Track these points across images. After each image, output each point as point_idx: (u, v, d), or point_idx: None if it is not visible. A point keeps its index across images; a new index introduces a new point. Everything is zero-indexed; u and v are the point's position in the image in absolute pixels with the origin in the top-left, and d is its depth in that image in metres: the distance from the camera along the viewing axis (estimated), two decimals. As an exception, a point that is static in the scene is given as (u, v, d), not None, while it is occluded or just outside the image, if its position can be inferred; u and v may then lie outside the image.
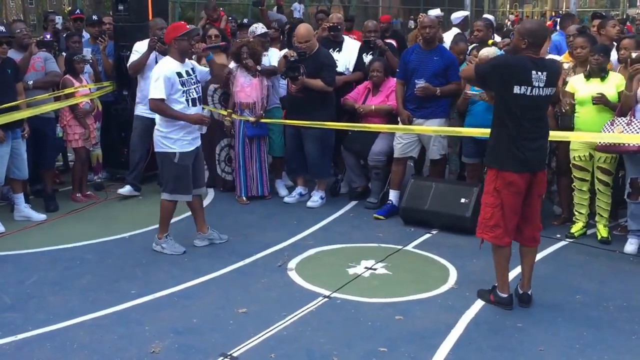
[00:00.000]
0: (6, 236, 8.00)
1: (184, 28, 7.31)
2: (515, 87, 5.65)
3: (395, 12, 41.02)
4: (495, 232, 5.93)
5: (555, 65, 6.10)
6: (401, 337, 5.59)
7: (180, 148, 7.27)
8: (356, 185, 9.53)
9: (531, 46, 5.75)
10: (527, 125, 5.75)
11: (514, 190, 5.81)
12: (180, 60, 7.27)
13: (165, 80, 7.08)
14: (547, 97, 5.83)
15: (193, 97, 7.31)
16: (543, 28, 6.02)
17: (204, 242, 7.74)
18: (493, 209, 5.90)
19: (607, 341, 5.56)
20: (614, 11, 53.40)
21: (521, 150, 5.75)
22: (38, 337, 5.58)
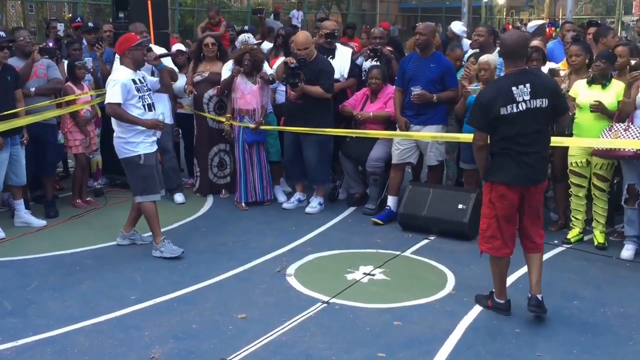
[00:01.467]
0: (6, 242, 8.02)
1: (135, 39, 7.61)
2: (502, 109, 5.64)
3: (393, 19, 41.11)
4: (492, 243, 5.94)
5: (541, 77, 6.07)
6: (399, 342, 5.61)
7: (143, 150, 7.52)
8: (354, 191, 9.57)
9: (509, 59, 5.78)
10: (522, 141, 5.70)
11: (506, 203, 5.82)
12: (134, 69, 7.54)
13: (122, 87, 7.31)
14: (539, 110, 5.69)
15: (149, 102, 7.57)
16: (519, 39, 5.85)
17: (125, 242, 7.96)
18: (489, 220, 5.94)
19: (604, 347, 5.58)
20: (610, 18, 53.42)
21: (516, 164, 5.72)
22: (38, 342, 5.59)
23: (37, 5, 39.21)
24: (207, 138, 9.80)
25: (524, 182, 5.77)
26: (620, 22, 47.67)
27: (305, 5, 32.51)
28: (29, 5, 43.04)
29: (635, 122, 7.30)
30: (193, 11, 31.41)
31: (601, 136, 7.39)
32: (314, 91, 8.88)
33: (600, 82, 7.64)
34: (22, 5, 43.81)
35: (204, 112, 9.69)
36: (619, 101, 7.53)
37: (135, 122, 7.39)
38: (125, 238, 7.92)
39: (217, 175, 9.93)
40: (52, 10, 42.83)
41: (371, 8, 46.37)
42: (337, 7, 44.95)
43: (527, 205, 5.90)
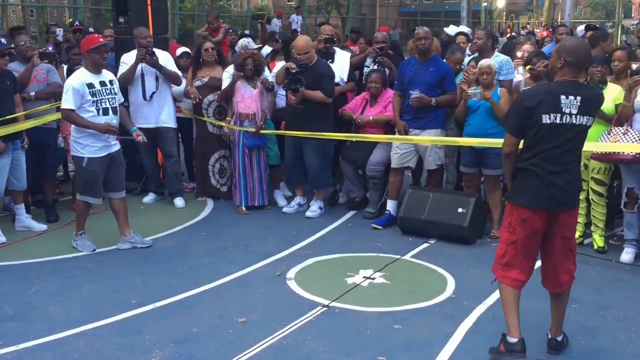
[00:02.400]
0: (7, 246, 8.03)
1: (96, 41, 7.56)
2: (544, 116, 4.99)
3: (392, 24, 41.12)
4: (507, 272, 5.30)
5: (594, 91, 5.37)
6: (399, 346, 5.62)
7: (88, 153, 7.57)
8: (354, 195, 9.58)
9: (568, 66, 5.06)
10: (554, 158, 5.05)
11: (529, 229, 5.17)
12: (93, 72, 7.57)
13: (74, 92, 7.38)
14: (581, 127, 5.09)
15: (105, 106, 7.55)
16: (585, 47, 5.28)
17: (125, 245, 7.97)
18: (507, 246, 5.29)
19: (603, 350, 5.60)
20: (609, 22, 53.48)
21: (544, 185, 5.06)
22: (39, 346, 5.60)
23: (38, 10, 39.25)
24: (207, 144, 9.82)
25: (551, 206, 5.11)
26: (620, 26, 47.69)
27: (305, 10, 32.55)
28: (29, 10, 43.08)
29: (634, 125, 7.32)
30: (193, 16, 31.44)
31: (600, 140, 7.40)
32: (315, 96, 8.89)
33: (596, 86, 7.64)
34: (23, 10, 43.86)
35: (203, 117, 9.71)
36: (615, 105, 7.55)
37: (88, 126, 7.46)
38: (125, 242, 7.94)
39: (220, 182, 9.95)
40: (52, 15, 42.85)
41: (371, 12, 46.50)
42: (337, 12, 44.98)
43: (555, 235, 5.23)
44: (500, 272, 5.36)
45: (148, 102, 9.40)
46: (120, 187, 7.94)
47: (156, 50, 9.42)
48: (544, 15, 55.38)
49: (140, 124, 9.37)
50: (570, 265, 5.35)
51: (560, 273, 5.32)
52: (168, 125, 9.59)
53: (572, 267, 5.37)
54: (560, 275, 5.32)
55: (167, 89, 9.59)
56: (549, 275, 5.39)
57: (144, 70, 9.35)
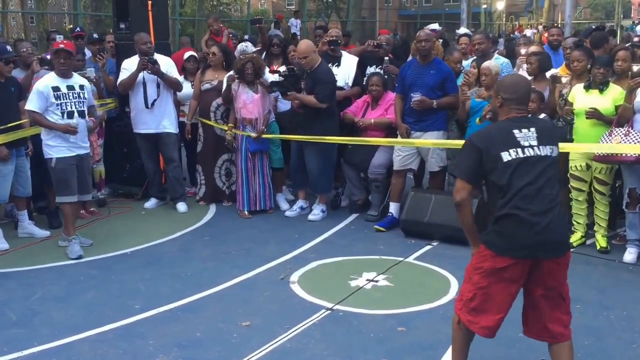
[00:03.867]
0: (10, 253, 8.04)
1: (55, 46, 7.88)
2: (503, 154, 4.46)
3: (392, 27, 41.16)
4: (475, 317, 4.66)
5: (546, 123, 5.11)
6: (403, 348, 5.63)
7: (56, 154, 7.78)
8: (356, 198, 9.60)
9: (514, 102, 4.64)
10: (533, 194, 4.44)
11: (507, 277, 4.51)
12: (60, 76, 7.83)
13: (39, 94, 7.66)
14: (548, 159, 4.53)
15: (70, 110, 7.76)
16: (524, 81, 4.88)
17: (64, 243, 8.08)
18: (477, 290, 4.62)
19: (607, 350, 5.60)
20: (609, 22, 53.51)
21: (528, 229, 4.40)
22: (43, 352, 5.60)
23: (38, 17, 39.35)
24: (214, 146, 9.82)
25: (537, 253, 4.45)
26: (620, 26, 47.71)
27: (305, 14, 32.57)
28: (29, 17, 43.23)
29: (635, 126, 7.32)
30: (194, 20, 31.48)
31: (601, 141, 7.41)
32: (308, 100, 8.93)
33: (597, 87, 7.66)
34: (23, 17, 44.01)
35: (210, 120, 9.73)
36: (616, 106, 7.55)
37: (49, 127, 7.69)
38: (64, 240, 8.09)
39: (225, 184, 9.97)
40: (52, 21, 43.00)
41: (371, 16, 46.47)
42: (337, 15, 45.05)
43: (535, 283, 4.57)
44: (466, 317, 4.69)
45: (149, 109, 9.42)
46: (85, 190, 8.14)
47: (158, 56, 9.43)
48: (544, 16, 55.41)
49: (141, 130, 9.46)
50: (562, 315, 4.65)
51: (548, 323, 4.63)
52: (169, 131, 9.61)
53: (564, 317, 4.66)
54: (550, 326, 4.63)
55: (169, 95, 9.61)
56: (533, 323, 4.71)
57: (145, 78, 9.37)
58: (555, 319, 4.62)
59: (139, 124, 9.54)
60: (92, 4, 26.17)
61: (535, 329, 4.72)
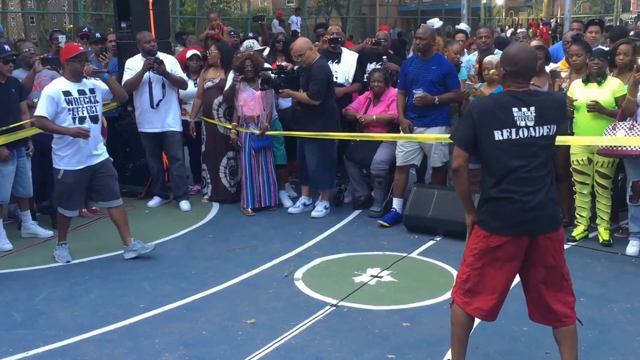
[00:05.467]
0: (14, 253, 8.05)
1: (75, 50, 7.43)
2: (496, 133, 4.48)
3: (392, 22, 41.15)
4: (470, 299, 4.73)
5: (550, 97, 4.79)
6: (409, 343, 5.64)
7: (65, 166, 7.45)
8: (359, 194, 9.61)
9: (513, 76, 4.59)
10: (524, 177, 4.48)
11: (502, 257, 4.56)
12: (72, 80, 7.46)
13: (49, 99, 7.29)
14: (545, 138, 4.53)
15: (82, 115, 7.40)
16: (526, 52, 4.68)
17: (130, 255, 7.80)
18: (471, 271, 4.68)
19: (612, 343, 5.61)
20: (608, 16, 53.51)
21: (519, 208, 4.47)
22: (49, 353, 5.61)
23: (38, 17, 39.35)
24: (218, 145, 9.84)
25: (529, 229, 4.51)
26: (619, 20, 47.70)
27: (305, 11, 32.56)
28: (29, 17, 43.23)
29: (639, 120, 7.32)
30: (194, 19, 31.46)
31: (604, 134, 7.41)
32: (300, 97, 8.97)
33: (595, 80, 7.66)
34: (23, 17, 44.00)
35: (213, 118, 9.74)
36: (615, 98, 7.55)
37: (59, 131, 7.36)
38: (129, 251, 7.81)
39: (231, 184, 9.98)
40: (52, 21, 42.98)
41: (371, 12, 46.48)
42: (337, 12, 45.02)
43: (535, 264, 4.62)
44: (461, 298, 4.76)
45: (155, 109, 9.43)
46: (114, 196, 7.78)
47: (162, 55, 9.44)
48: (544, 10, 55.41)
49: (146, 129, 9.48)
50: (566, 297, 4.68)
51: (553, 305, 4.64)
52: (174, 129, 9.62)
53: (569, 298, 4.70)
54: (555, 308, 4.64)
55: (174, 93, 9.62)
56: (537, 307, 4.74)
57: (151, 77, 9.37)
58: (561, 301, 4.65)
59: (144, 123, 9.55)
60: (92, 4, 26.22)
61: (542, 313, 4.73)
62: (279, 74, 9.11)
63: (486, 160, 4.63)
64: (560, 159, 8.19)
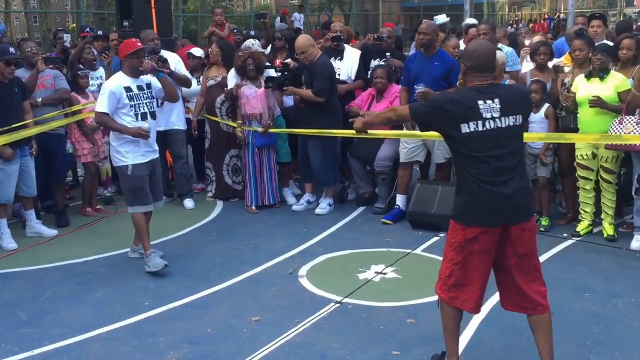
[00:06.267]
0: (19, 252, 8.06)
1: (133, 46, 7.30)
2: (463, 126, 4.57)
3: (395, 19, 41.11)
4: (456, 292, 4.82)
5: (513, 89, 4.97)
6: (413, 340, 5.64)
7: (132, 160, 7.24)
8: (363, 191, 9.60)
9: (473, 70, 4.71)
10: (495, 168, 4.57)
11: (478, 249, 4.67)
12: (131, 76, 7.31)
13: (110, 95, 7.11)
14: (511, 129, 4.61)
15: (143, 111, 7.29)
16: (484, 48, 4.80)
17: (134, 255, 7.75)
18: (453, 266, 4.81)
19: (616, 338, 5.61)
20: (612, 11, 53.45)
21: (491, 198, 4.58)
22: (54, 351, 5.63)
23: (41, 17, 39.37)
24: (221, 143, 9.86)
25: (501, 220, 4.62)
26: (622, 15, 47.66)
27: (308, 8, 32.52)
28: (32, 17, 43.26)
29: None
30: (197, 17, 31.44)
31: (610, 128, 7.41)
32: (304, 94, 8.97)
33: (598, 75, 7.65)
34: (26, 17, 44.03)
35: (216, 116, 9.74)
36: (618, 93, 7.54)
37: (119, 130, 7.17)
38: (134, 251, 7.78)
39: (234, 180, 9.98)
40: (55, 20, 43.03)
41: (373, 8, 46.40)
42: (340, 9, 44.96)
43: (507, 253, 4.72)
44: (447, 294, 4.86)
45: (159, 107, 9.41)
46: (159, 196, 7.67)
47: (165, 53, 9.44)
48: (547, 5, 55.32)
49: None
50: (539, 287, 4.79)
51: (528, 293, 4.75)
52: (178, 127, 9.64)
53: (541, 288, 4.80)
54: (530, 296, 4.75)
55: (177, 91, 9.60)
56: (512, 295, 4.83)
57: None
58: (534, 290, 4.76)
59: None
60: (95, 2, 26.22)
61: (516, 301, 4.84)
62: (282, 72, 9.11)
63: (456, 153, 4.76)
64: (564, 154, 8.19)
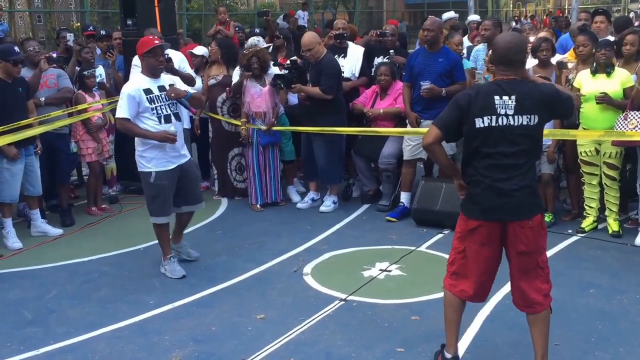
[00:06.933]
0: (24, 252, 8.07)
1: (149, 44, 6.87)
2: (477, 120, 4.60)
3: (399, 16, 41.10)
4: (455, 281, 4.95)
5: (535, 89, 4.75)
6: (418, 337, 5.64)
7: (156, 167, 6.90)
8: (367, 188, 9.60)
9: (497, 63, 4.75)
10: (500, 164, 4.63)
11: (478, 240, 4.75)
12: (150, 76, 6.93)
13: (129, 99, 6.75)
14: (524, 128, 4.59)
15: (166, 113, 6.90)
16: (518, 43, 4.73)
17: None
18: (456, 254, 4.93)
19: (622, 334, 5.60)
20: (616, 7, 53.33)
21: (491, 194, 4.65)
22: (59, 350, 5.63)
23: (45, 16, 39.40)
24: (223, 142, 9.86)
25: (499, 216, 4.68)
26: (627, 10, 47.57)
27: (312, 5, 32.52)
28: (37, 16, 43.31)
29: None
30: (201, 15, 31.45)
31: (615, 124, 7.41)
32: (312, 92, 8.94)
33: (604, 71, 7.63)
34: (30, 16, 44.09)
35: (217, 114, 9.74)
36: (624, 89, 7.53)
37: (145, 136, 6.81)
38: (173, 249, 7.43)
39: (237, 179, 9.98)
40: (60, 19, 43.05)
41: (377, 5, 46.40)
42: (344, 6, 44.97)
43: (509, 250, 4.78)
44: (448, 281, 5.01)
45: None
46: (196, 200, 7.37)
47: (170, 52, 9.43)
48: (551, 2, 55.21)
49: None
50: (541, 284, 4.79)
51: (526, 291, 4.78)
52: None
53: (543, 286, 4.80)
54: (528, 294, 4.78)
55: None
56: (515, 292, 4.89)
57: None
58: (535, 288, 4.78)
59: None
60: (99, 1, 26.20)
61: (515, 297, 4.90)
62: (290, 70, 9.10)
63: (466, 145, 4.79)
64: (569, 150, 8.18)
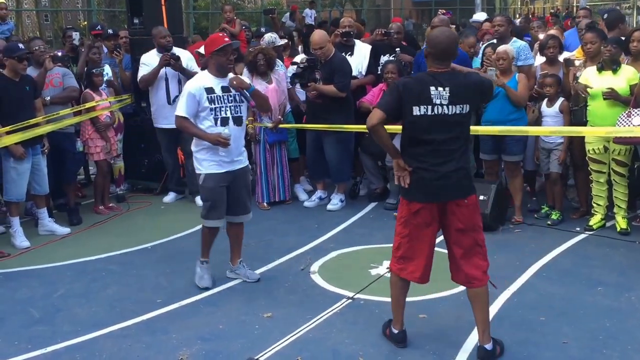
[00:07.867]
0: (31, 251, 8.08)
1: (220, 42, 6.53)
2: (414, 108, 4.91)
3: (407, 14, 41.05)
4: (404, 264, 5.26)
5: (466, 80, 5.11)
6: (425, 335, 5.63)
7: (206, 169, 6.61)
8: (375, 186, 9.59)
9: (432, 57, 5.02)
10: (436, 150, 4.98)
11: (420, 222, 5.08)
12: (217, 75, 6.60)
13: (189, 97, 6.49)
14: (457, 116, 4.94)
15: (224, 116, 6.55)
16: (446, 37, 5.04)
17: (231, 275, 7.09)
18: (401, 239, 5.23)
19: (630, 332, 5.57)
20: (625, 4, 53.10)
21: (428, 177, 4.99)
22: (67, 348, 5.64)
23: (52, 15, 39.42)
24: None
25: (437, 197, 5.03)
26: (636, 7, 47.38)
27: (319, 3, 32.47)
28: (44, 15, 43.31)
29: (654, 107, 7.29)
30: (207, 13, 31.45)
31: (617, 122, 7.37)
32: (327, 90, 8.90)
33: (610, 68, 7.61)
34: (37, 15, 44.12)
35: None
36: (630, 86, 7.50)
37: (198, 136, 6.55)
38: (232, 272, 7.12)
39: None
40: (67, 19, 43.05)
41: (385, 3, 46.36)
42: (351, 4, 44.92)
43: (447, 227, 5.13)
44: (396, 266, 5.33)
45: (171, 105, 9.42)
46: (245, 210, 7.01)
47: (177, 50, 9.44)
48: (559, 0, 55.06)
49: (162, 125, 9.47)
50: (479, 261, 5.15)
51: (466, 268, 5.12)
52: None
53: (481, 262, 5.15)
54: (466, 270, 5.13)
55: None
56: (455, 269, 5.22)
57: (167, 73, 9.37)
58: (474, 264, 5.13)
59: (160, 118, 9.54)
60: (105, 0, 26.23)
61: (455, 273, 5.24)
62: (305, 68, 9.06)
63: (405, 133, 5.12)
64: (577, 148, 8.15)
